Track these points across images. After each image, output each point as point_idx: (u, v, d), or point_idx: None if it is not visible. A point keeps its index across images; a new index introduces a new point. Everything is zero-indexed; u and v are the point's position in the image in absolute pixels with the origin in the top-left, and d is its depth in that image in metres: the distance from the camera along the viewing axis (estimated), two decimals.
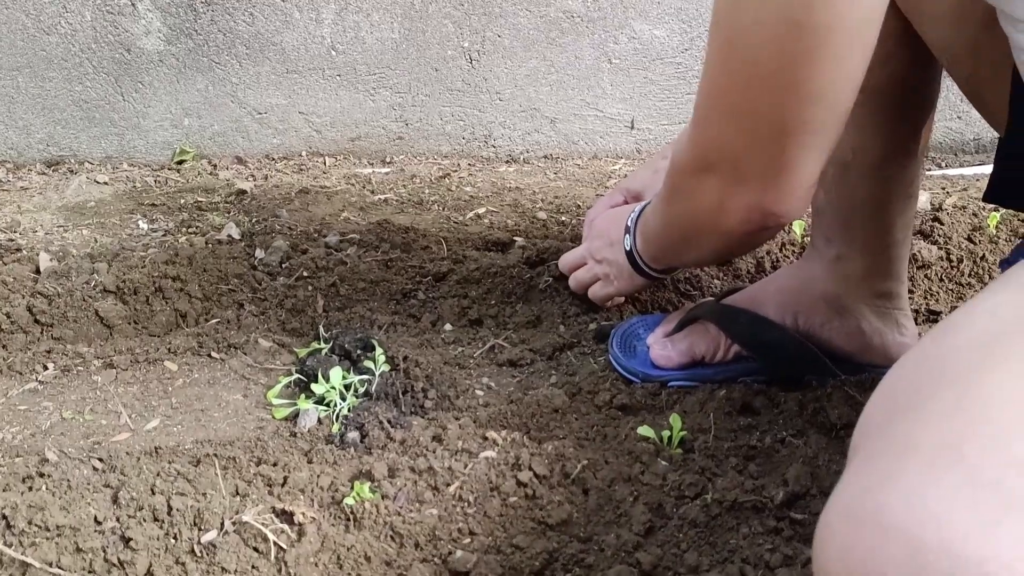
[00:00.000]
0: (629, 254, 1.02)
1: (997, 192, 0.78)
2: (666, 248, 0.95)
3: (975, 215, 1.43)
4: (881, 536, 0.41)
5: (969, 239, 1.35)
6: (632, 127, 1.85)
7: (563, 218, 1.49)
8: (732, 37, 0.66)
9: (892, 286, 0.97)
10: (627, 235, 1.02)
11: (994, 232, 1.37)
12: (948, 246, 1.33)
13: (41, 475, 0.82)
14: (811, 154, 0.69)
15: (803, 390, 0.96)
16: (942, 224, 1.38)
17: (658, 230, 0.94)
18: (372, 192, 1.62)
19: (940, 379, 0.47)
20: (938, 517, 0.40)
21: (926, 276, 1.28)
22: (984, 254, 1.31)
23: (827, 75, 0.64)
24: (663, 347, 1.00)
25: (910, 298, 1.24)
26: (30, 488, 0.81)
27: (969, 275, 1.29)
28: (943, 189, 1.66)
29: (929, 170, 1.84)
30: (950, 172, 1.84)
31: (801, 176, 0.70)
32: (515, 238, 1.39)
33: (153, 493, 0.80)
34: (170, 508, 0.78)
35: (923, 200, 1.55)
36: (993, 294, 0.54)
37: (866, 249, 0.95)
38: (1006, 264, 0.78)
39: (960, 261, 1.30)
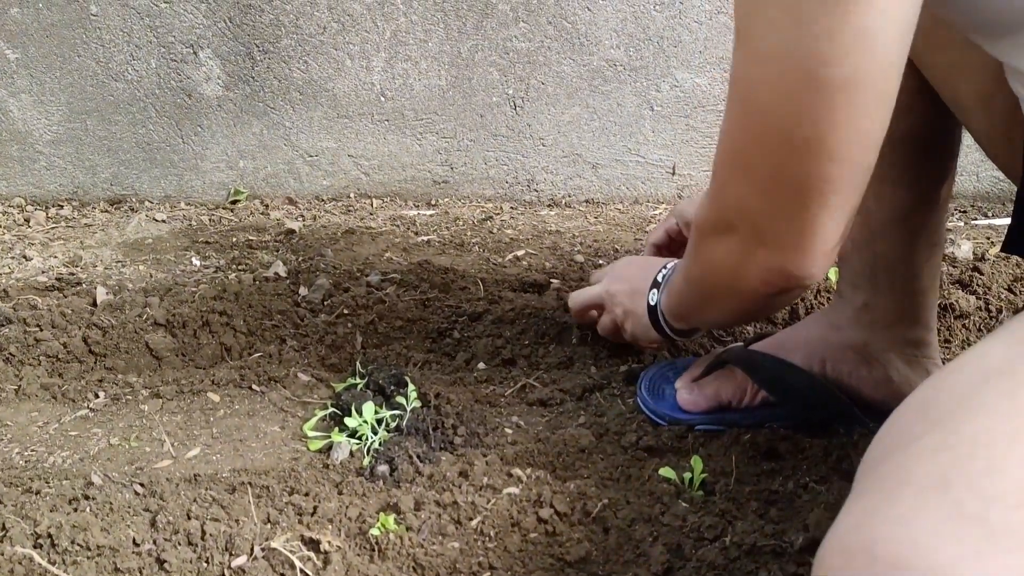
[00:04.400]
0: (652, 309, 1.00)
1: (1016, 242, 0.79)
2: (688, 307, 0.93)
3: (1018, 265, 1.41)
4: (871, 566, 0.43)
5: (1009, 289, 1.34)
6: (673, 173, 1.87)
7: (600, 261, 1.52)
8: (747, 94, 0.64)
9: (921, 334, 0.97)
10: (654, 289, 1.01)
11: None
12: (987, 296, 1.32)
13: (86, 497, 0.87)
14: (834, 214, 0.66)
15: (829, 436, 0.96)
16: (982, 274, 1.37)
17: (681, 288, 0.92)
18: (416, 233, 1.67)
19: (929, 420, 0.49)
20: (926, 547, 0.42)
21: (964, 326, 1.27)
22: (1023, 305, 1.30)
23: (846, 131, 0.61)
24: (690, 391, 1.01)
25: (947, 348, 1.24)
26: (75, 510, 0.85)
27: None
28: (987, 239, 1.65)
29: (975, 219, 1.83)
30: (996, 222, 1.82)
31: (824, 237, 0.67)
32: (551, 280, 1.41)
33: (189, 518, 0.84)
34: (204, 533, 0.81)
35: (966, 249, 1.54)
36: (986, 342, 0.55)
37: (892, 297, 0.95)
38: None
39: (999, 312, 1.29)
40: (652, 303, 1.00)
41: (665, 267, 1.01)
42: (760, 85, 0.63)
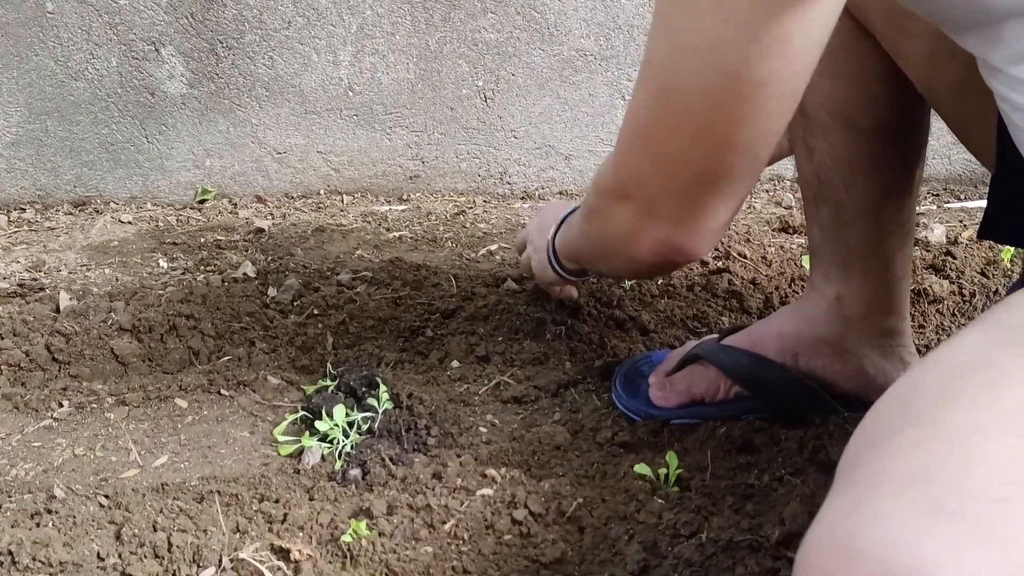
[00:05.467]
0: (549, 244, 1.06)
1: (991, 228, 0.78)
2: (579, 255, 0.99)
3: (991, 248, 1.42)
4: (852, 562, 0.43)
5: (983, 273, 1.34)
6: None
7: None
8: (665, 82, 0.66)
9: (895, 323, 0.97)
10: (555, 224, 1.06)
11: (1008, 266, 1.35)
12: (960, 280, 1.32)
13: (49, 511, 0.85)
14: (726, 200, 0.71)
15: (804, 427, 0.96)
16: (955, 259, 1.37)
17: (576, 236, 0.97)
18: (387, 230, 1.64)
19: (907, 415, 0.49)
20: (906, 543, 0.42)
21: (938, 311, 1.27)
22: (997, 288, 1.30)
23: (756, 128, 0.65)
24: (661, 388, 1.01)
25: (921, 333, 1.24)
26: (37, 524, 0.83)
27: (981, 310, 1.28)
28: (960, 222, 1.65)
29: (947, 203, 1.83)
30: (969, 204, 1.82)
31: (714, 219, 0.72)
32: (525, 275, 1.40)
33: (155, 530, 0.82)
34: (170, 545, 0.79)
35: (939, 233, 1.54)
36: (963, 334, 0.55)
37: (866, 287, 0.94)
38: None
39: (972, 296, 1.29)
40: (549, 237, 1.06)
41: (568, 207, 1.06)
42: (680, 76, 0.64)
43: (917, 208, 1.67)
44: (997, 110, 0.72)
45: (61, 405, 1.07)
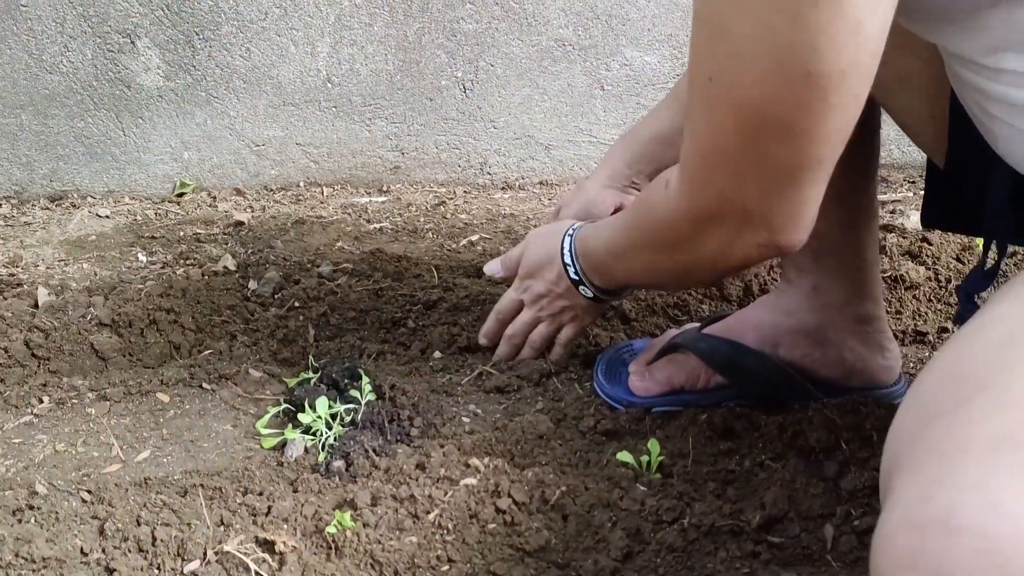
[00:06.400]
0: (577, 283, 1.01)
1: (933, 216, 0.80)
2: (636, 280, 0.96)
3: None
4: (950, 537, 0.41)
5: (958, 259, 1.36)
6: None
7: None
8: (730, 93, 0.64)
9: (871, 308, 0.98)
10: (569, 267, 1.01)
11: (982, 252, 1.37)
12: (936, 266, 1.33)
13: (30, 507, 0.84)
14: (818, 185, 0.69)
15: (784, 413, 0.97)
16: (931, 244, 1.39)
17: (636, 269, 0.93)
18: (368, 221, 1.64)
19: (969, 385, 0.48)
20: (1006, 509, 0.40)
21: (914, 297, 1.28)
22: None
23: (843, 116, 0.63)
24: (641, 377, 1.01)
25: (898, 318, 1.25)
26: (19, 521, 0.82)
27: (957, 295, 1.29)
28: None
29: (923, 189, 1.85)
30: None
31: (811, 208, 0.70)
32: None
33: (139, 524, 0.82)
34: (154, 539, 0.79)
35: (915, 220, 1.56)
36: (996, 306, 0.56)
37: (841, 275, 0.96)
38: (961, 290, 0.80)
39: (948, 281, 1.30)
40: (575, 278, 1.01)
41: (564, 240, 1.01)
42: (747, 82, 0.62)
43: (894, 195, 1.69)
44: (948, 103, 0.72)
45: (41, 401, 1.07)
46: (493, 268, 1.14)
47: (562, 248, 1.01)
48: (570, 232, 1.02)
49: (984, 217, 0.75)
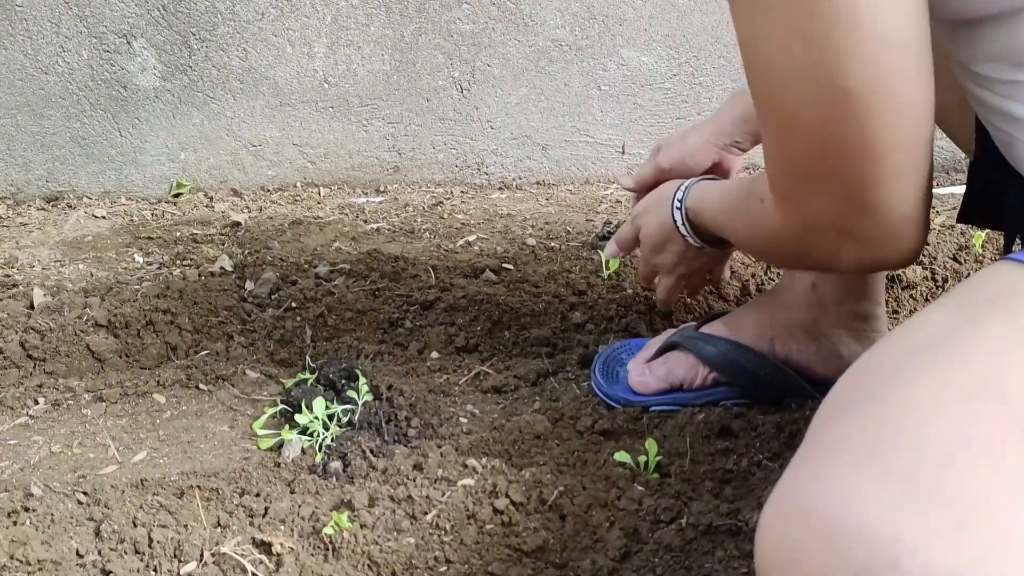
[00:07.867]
0: (699, 248, 1.00)
1: (969, 212, 0.79)
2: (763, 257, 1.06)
3: (963, 234, 1.43)
4: (805, 524, 0.46)
5: (955, 259, 1.36)
6: (623, 152, 1.87)
7: (552, 244, 1.51)
8: (784, 119, 0.63)
9: (868, 307, 0.98)
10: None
11: (980, 251, 1.37)
12: (933, 266, 1.33)
13: (26, 509, 0.84)
14: (909, 190, 0.64)
15: (781, 412, 0.97)
16: (928, 245, 1.39)
17: (759, 247, 0.89)
18: (365, 222, 1.64)
19: (864, 391, 0.52)
20: (854, 504, 0.45)
21: (911, 296, 1.28)
22: (969, 273, 1.32)
23: (897, 124, 0.60)
24: (641, 374, 1.01)
25: (895, 318, 1.25)
26: (15, 523, 0.82)
27: None
28: (933, 208, 1.67)
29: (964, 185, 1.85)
30: (941, 191, 1.84)
31: (910, 222, 0.66)
32: (504, 265, 1.40)
33: (135, 526, 0.82)
34: (151, 540, 0.79)
35: None
36: (926, 312, 0.57)
37: (841, 274, 0.95)
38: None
39: (945, 281, 1.31)
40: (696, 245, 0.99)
41: (676, 202, 0.98)
42: (794, 107, 0.62)
43: None
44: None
45: (37, 402, 1.06)
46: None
47: (675, 221, 0.99)
48: (677, 206, 0.98)
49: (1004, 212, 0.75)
